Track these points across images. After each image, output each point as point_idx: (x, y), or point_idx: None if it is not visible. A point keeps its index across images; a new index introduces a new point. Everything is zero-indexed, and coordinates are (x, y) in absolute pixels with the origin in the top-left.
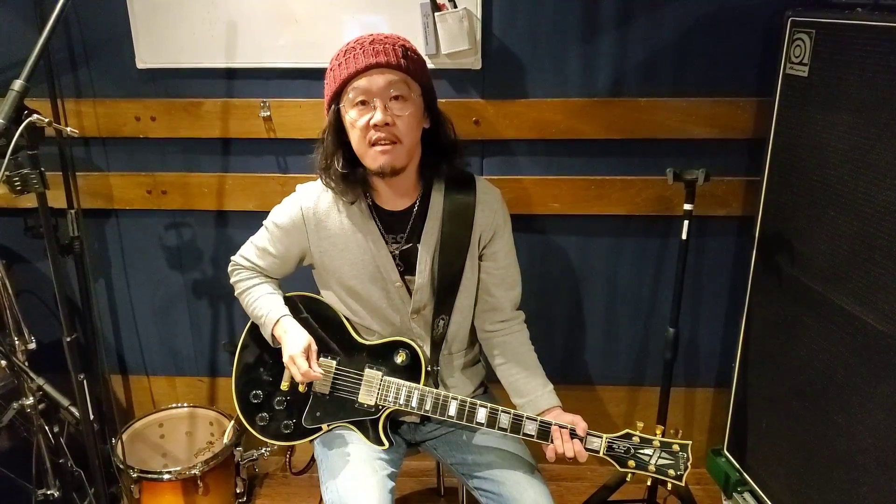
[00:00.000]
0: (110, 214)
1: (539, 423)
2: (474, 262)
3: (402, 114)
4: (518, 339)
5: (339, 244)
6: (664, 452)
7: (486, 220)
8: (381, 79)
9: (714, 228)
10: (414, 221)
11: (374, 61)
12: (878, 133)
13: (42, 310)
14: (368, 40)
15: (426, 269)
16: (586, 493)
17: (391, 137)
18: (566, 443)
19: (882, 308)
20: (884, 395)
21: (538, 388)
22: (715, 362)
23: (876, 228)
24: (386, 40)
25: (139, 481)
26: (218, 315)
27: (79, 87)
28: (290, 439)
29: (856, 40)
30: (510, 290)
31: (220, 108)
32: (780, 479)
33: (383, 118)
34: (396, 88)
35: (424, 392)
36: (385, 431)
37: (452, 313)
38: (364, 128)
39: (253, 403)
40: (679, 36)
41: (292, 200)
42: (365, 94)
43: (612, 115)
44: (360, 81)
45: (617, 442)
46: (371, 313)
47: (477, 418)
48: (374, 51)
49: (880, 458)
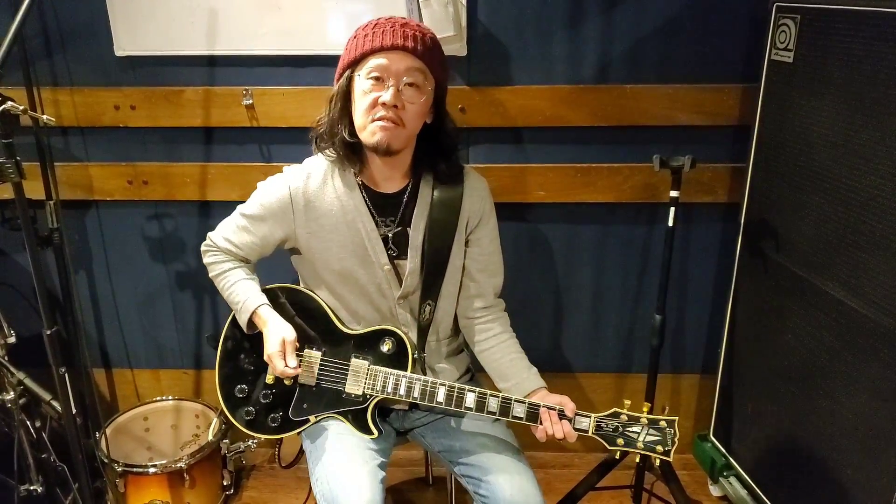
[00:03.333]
0: (90, 205)
1: (527, 405)
2: (461, 247)
3: (413, 101)
4: (500, 325)
5: (327, 225)
6: (652, 429)
7: (474, 207)
8: (402, 62)
9: (700, 215)
10: (406, 205)
11: (400, 43)
12: (862, 119)
13: (22, 303)
14: (400, 22)
15: (417, 254)
16: (574, 480)
17: (395, 118)
18: (555, 424)
19: (866, 293)
20: (867, 379)
21: (523, 370)
22: (701, 348)
23: (860, 214)
24: (417, 28)
25: (124, 475)
26: (202, 307)
27: (55, 75)
28: (277, 432)
29: (840, 26)
30: (493, 277)
31: (202, 96)
32: (765, 463)
33: (392, 99)
34: (413, 76)
35: (412, 380)
36: (374, 420)
37: (439, 299)
38: (372, 102)
39: (238, 398)
40: (665, 22)
41: (279, 180)
42: (382, 71)
43: (599, 102)
44: (380, 57)
45: (605, 421)
46: (357, 298)
47: (466, 403)
48: (404, 34)
49: (863, 441)
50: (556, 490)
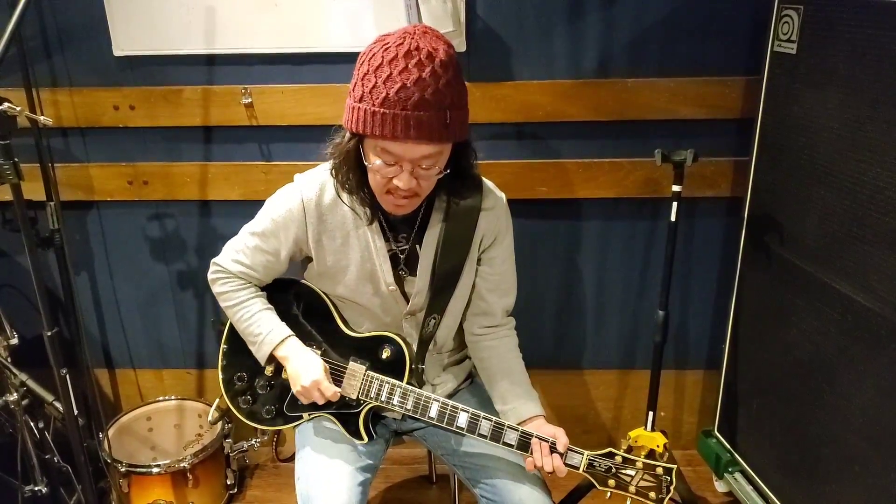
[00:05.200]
0: (91, 206)
1: (520, 433)
2: (472, 266)
3: (428, 176)
4: (506, 345)
5: (338, 238)
6: (647, 475)
7: (490, 225)
8: (416, 151)
9: (703, 209)
10: (420, 223)
11: (414, 134)
12: (868, 110)
13: (24, 304)
14: (413, 98)
15: (426, 272)
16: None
17: (410, 194)
18: (545, 457)
19: (873, 287)
20: (874, 375)
21: (522, 395)
22: (705, 344)
23: (866, 207)
24: (433, 100)
25: (128, 475)
26: (204, 306)
27: (54, 76)
28: (270, 424)
29: (845, 16)
30: (503, 297)
31: (201, 95)
32: (771, 460)
33: (408, 186)
34: (429, 159)
35: (407, 391)
36: (366, 426)
37: (444, 316)
38: (385, 182)
39: (237, 385)
40: (666, 15)
41: (291, 190)
42: (395, 158)
43: (600, 97)
44: (394, 145)
45: (598, 460)
46: (361, 313)
47: (458, 423)
48: (418, 121)
49: (871, 438)
50: (558, 487)
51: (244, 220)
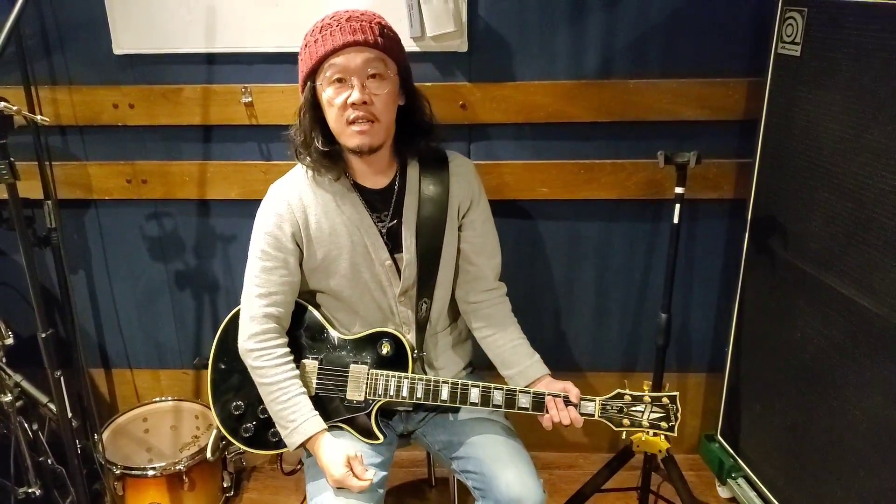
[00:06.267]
0: (89, 205)
1: (532, 395)
2: (454, 234)
3: (380, 92)
4: (502, 311)
5: (326, 228)
6: (655, 406)
7: (462, 191)
8: (358, 57)
9: (706, 212)
10: (397, 197)
11: (351, 39)
12: (872, 113)
13: (21, 303)
14: (345, 17)
15: (412, 245)
16: (579, 481)
17: (368, 116)
18: (561, 411)
19: (877, 290)
20: (879, 379)
21: (526, 357)
22: (707, 347)
23: (870, 210)
24: (363, 17)
25: (123, 478)
26: (202, 306)
27: (54, 74)
28: (278, 447)
29: (849, 18)
30: (491, 259)
31: (201, 94)
32: (774, 465)
33: (361, 97)
34: (373, 67)
35: (414, 380)
36: (377, 424)
37: (435, 290)
38: (341, 106)
39: (235, 415)
40: (668, 16)
41: (270, 198)
42: (342, 72)
43: (602, 98)
44: (337, 59)
45: (610, 403)
46: (360, 297)
47: (470, 398)
48: (352, 28)
49: (877, 442)
50: (560, 491)
51: (243, 219)
